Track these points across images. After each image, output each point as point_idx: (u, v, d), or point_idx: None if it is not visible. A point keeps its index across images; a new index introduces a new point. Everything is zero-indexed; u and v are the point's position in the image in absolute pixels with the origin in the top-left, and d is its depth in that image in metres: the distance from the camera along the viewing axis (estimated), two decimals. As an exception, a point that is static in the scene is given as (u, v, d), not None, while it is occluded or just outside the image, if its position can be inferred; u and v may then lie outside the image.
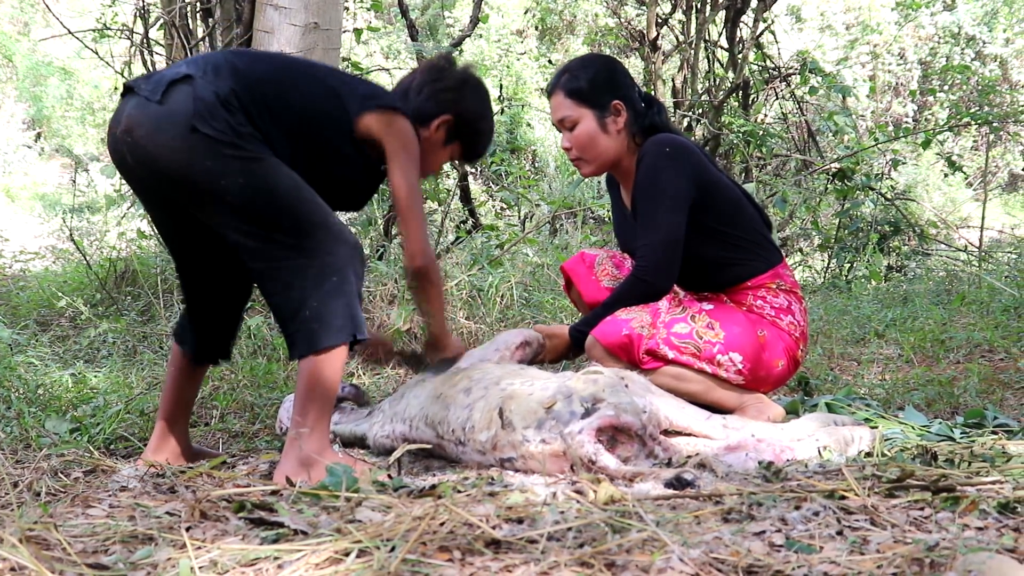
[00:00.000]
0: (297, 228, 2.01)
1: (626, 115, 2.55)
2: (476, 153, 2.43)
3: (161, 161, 1.99)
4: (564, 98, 2.55)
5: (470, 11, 6.60)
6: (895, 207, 6.78)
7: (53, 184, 11.05)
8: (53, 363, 3.32)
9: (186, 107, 1.97)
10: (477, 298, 3.99)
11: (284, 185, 2.02)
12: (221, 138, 1.97)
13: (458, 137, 2.33)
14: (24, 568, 1.34)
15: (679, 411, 2.15)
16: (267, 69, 2.14)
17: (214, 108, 1.98)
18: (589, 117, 2.53)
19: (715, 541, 1.41)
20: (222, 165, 1.97)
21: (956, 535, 1.42)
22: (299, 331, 2.01)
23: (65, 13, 9.96)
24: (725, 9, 7.26)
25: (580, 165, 2.61)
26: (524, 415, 2.01)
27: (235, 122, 1.99)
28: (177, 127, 1.97)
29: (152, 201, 2.18)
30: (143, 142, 1.99)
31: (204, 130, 1.96)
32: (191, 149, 1.96)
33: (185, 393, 2.31)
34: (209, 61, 2.08)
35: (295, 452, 2.00)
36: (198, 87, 1.99)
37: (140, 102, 2.01)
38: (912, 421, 2.45)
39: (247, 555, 1.38)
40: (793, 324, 2.55)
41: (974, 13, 11.27)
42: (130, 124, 2.01)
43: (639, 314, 2.43)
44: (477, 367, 2.31)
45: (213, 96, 1.99)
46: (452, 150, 2.36)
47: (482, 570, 1.31)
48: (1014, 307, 4.30)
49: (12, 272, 5.26)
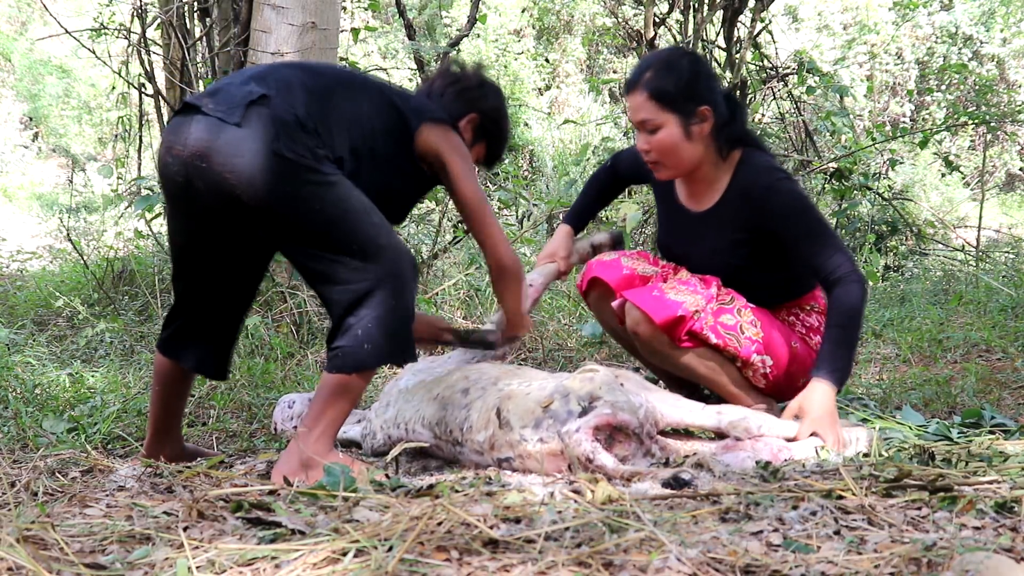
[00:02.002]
0: (364, 252, 2.01)
1: (712, 121, 2.41)
2: (497, 155, 2.43)
3: (239, 187, 1.93)
4: (647, 100, 2.37)
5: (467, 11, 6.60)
6: (892, 207, 6.78)
7: (50, 184, 11.05)
8: (50, 363, 3.32)
9: (268, 130, 1.93)
10: (475, 297, 4.00)
11: (355, 209, 2.02)
12: (302, 162, 1.95)
13: (484, 136, 2.35)
14: (22, 568, 1.34)
15: (674, 406, 2.16)
16: (334, 85, 2.12)
17: (294, 131, 1.95)
18: (673, 123, 2.37)
19: (713, 541, 1.41)
20: (301, 190, 1.95)
21: (953, 535, 1.42)
22: (347, 348, 2.00)
23: (62, 12, 9.94)
24: (722, 9, 7.25)
25: (657, 169, 2.47)
26: (521, 415, 2.01)
27: (313, 144, 1.98)
28: (259, 152, 1.92)
29: (198, 221, 2.08)
30: (219, 168, 1.93)
31: (287, 155, 1.93)
32: (273, 174, 1.93)
33: (175, 403, 2.27)
34: (278, 78, 2.04)
35: (297, 452, 2.00)
36: (277, 108, 1.96)
37: (213, 124, 1.94)
38: (909, 421, 2.45)
39: (244, 555, 1.38)
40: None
41: (971, 13, 11.27)
42: (203, 148, 1.93)
43: (692, 296, 2.37)
44: (473, 368, 2.31)
45: (293, 117, 1.96)
46: (478, 151, 2.37)
47: (480, 570, 1.31)
48: (1011, 307, 4.31)
49: (9, 272, 5.26)
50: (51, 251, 5.64)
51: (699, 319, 2.35)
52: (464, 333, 2.51)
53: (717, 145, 2.45)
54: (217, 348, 2.25)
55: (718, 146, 2.45)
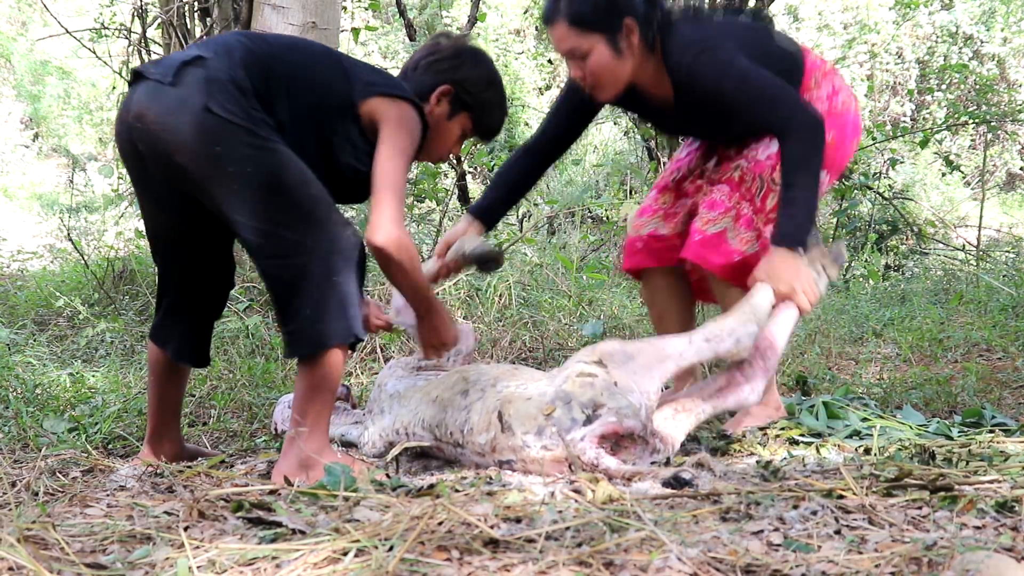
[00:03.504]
0: (302, 225, 1.96)
1: (638, 29, 2.29)
2: (488, 127, 2.31)
3: (172, 145, 1.92)
4: (568, 28, 2.27)
5: (468, 11, 6.59)
6: (893, 206, 6.79)
7: (51, 183, 11.05)
8: (51, 363, 3.32)
9: (199, 88, 1.91)
10: (475, 297, 3.99)
11: (292, 178, 1.96)
12: (235, 121, 1.91)
13: (464, 108, 2.25)
14: (22, 568, 1.34)
15: (661, 363, 2.12)
16: (280, 50, 2.08)
17: (228, 90, 1.93)
18: (600, 43, 2.27)
19: (713, 540, 1.41)
20: (233, 151, 1.91)
21: (954, 534, 1.42)
22: (300, 330, 1.97)
23: (63, 12, 9.93)
24: (723, 9, 7.25)
25: (597, 93, 2.38)
26: (523, 420, 2.00)
27: (249, 106, 1.94)
28: (190, 109, 1.90)
29: (153, 192, 2.09)
30: (154, 127, 1.93)
31: (218, 112, 1.90)
32: (204, 132, 1.90)
33: (171, 395, 2.25)
34: (219, 42, 2.03)
35: (294, 452, 1.99)
36: (211, 68, 1.94)
37: (151, 86, 1.95)
38: (910, 420, 2.45)
39: (245, 555, 1.38)
40: (846, 102, 2.48)
41: (972, 12, 11.27)
42: (141, 109, 1.94)
43: (745, 233, 2.38)
44: (472, 368, 2.29)
45: (228, 77, 1.94)
46: (461, 124, 2.27)
47: (480, 569, 1.31)
48: (1012, 306, 4.31)
49: (10, 272, 5.25)
50: (52, 251, 5.64)
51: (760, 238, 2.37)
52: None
53: (646, 45, 2.34)
54: (195, 333, 2.23)
55: (647, 46, 2.34)
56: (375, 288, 3.90)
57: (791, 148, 2.23)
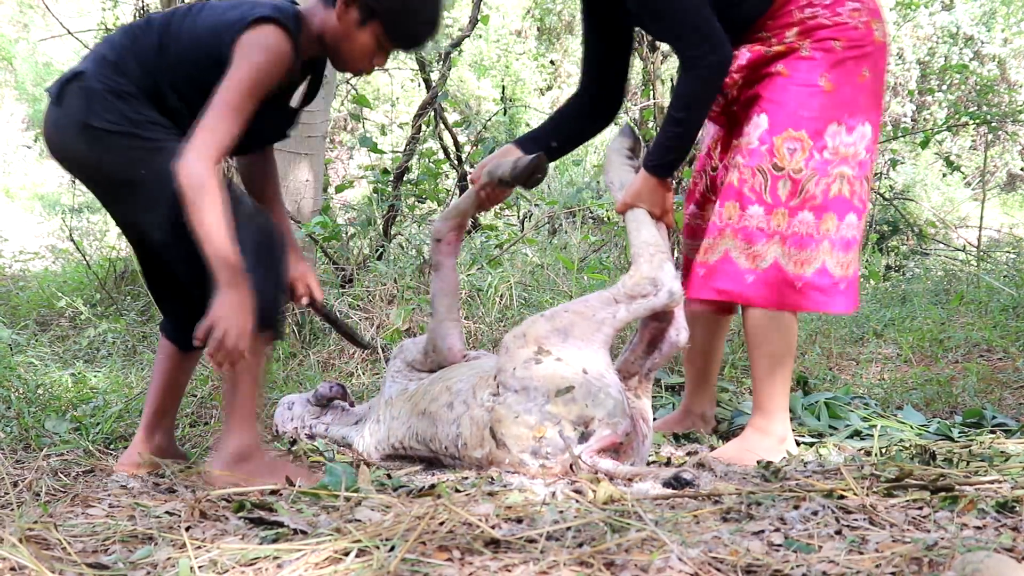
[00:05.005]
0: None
1: None
2: (405, 35, 2.09)
3: (66, 163, 2.03)
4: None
5: (469, 11, 6.60)
6: (894, 207, 6.78)
7: (53, 184, 11.06)
8: (53, 363, 3.32)
9: (78, 105, 1.96)
10: (476, 298, 3.99)
11: None
12: (115, 130, 1.95)
13: (372, 16, 2.03)
14: (24, 568, 1.34)
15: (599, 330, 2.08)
16: (150, 35, 2.04)
17: (106, 99, 1.96)
18: None
19: (714, 540, 1.41)
20: (120, 158, 1.96)
21: (954, 534, 1.42)
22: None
23: (65, 14, 9.94)
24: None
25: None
26: (516, 439, 1.97)
27: (129, 110, 1.96)
28: (73, 127, 1.97)
29: (98, 200, 2.16)
30: (53, 148, 2.03)
31: (98, 124, 1.94)
32: (89, 146, 1.96)
33: (176, 380, 2.25)
34: (97, 50, 2.06)
35: (226, 447, 2.01)
36: (88, 80, 1.98)
37: (49, 107, 2.03)
38: (911, 421, 2.45)
39: (246, 555, 1.38)
40: (855, 11, 2.42)
41: (972, 13, 11.27)
42: (44, 130, 2.04)
43: (750, 248, 2.28)
44: (452, 374, 2.24)
45: (101, 86, 1.96)
46: (373, 32, 2.05)
47: (481, 569, 1.31)
48: (1012, 307, 4.31)
49: (12, 272, 5.26)
50: (53, 251, 5.65)
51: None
52: (333, 316, 2.44)
53: None
54: (177, 315, 2.22)
55: None
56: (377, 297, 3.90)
57: (690, 84, 2.22)
